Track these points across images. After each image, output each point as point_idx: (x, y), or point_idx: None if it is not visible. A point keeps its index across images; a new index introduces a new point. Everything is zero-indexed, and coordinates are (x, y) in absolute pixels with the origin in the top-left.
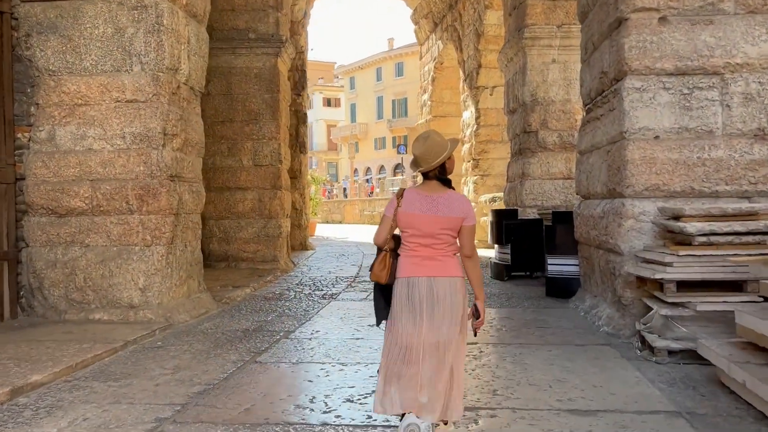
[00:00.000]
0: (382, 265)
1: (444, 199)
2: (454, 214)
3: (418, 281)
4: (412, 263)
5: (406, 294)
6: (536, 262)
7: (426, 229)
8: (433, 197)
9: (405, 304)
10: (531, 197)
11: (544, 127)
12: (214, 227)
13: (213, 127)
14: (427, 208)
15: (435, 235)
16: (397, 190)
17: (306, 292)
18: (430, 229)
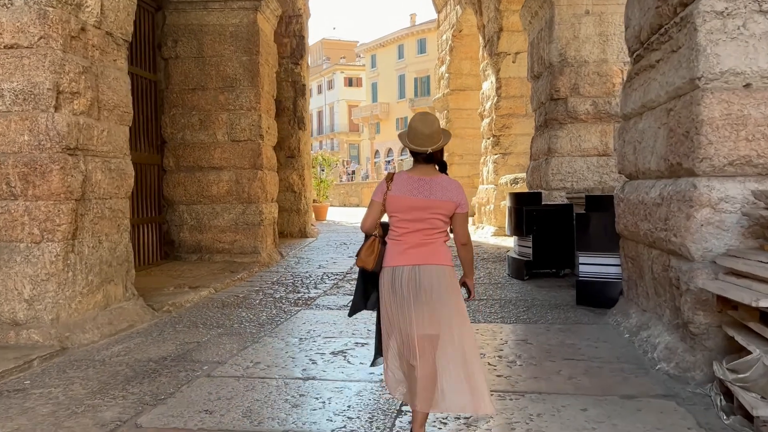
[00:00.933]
0: (369, 250)
1: (438, 182)
2: (448, 199)
3: (401, 270)
4: (398, 251)
5: (390, 284)
6: (564, 258)
7: (417, 213)
8: (426, 180)
9: (390, 294)
10: (558, 178)
11: (574, 92)
12: (185, 213)
13: (182, 95)
14: (419, 191)
15: (426, 219)
16: (386, 174)
17: (278, 295)
18: (421, 214)
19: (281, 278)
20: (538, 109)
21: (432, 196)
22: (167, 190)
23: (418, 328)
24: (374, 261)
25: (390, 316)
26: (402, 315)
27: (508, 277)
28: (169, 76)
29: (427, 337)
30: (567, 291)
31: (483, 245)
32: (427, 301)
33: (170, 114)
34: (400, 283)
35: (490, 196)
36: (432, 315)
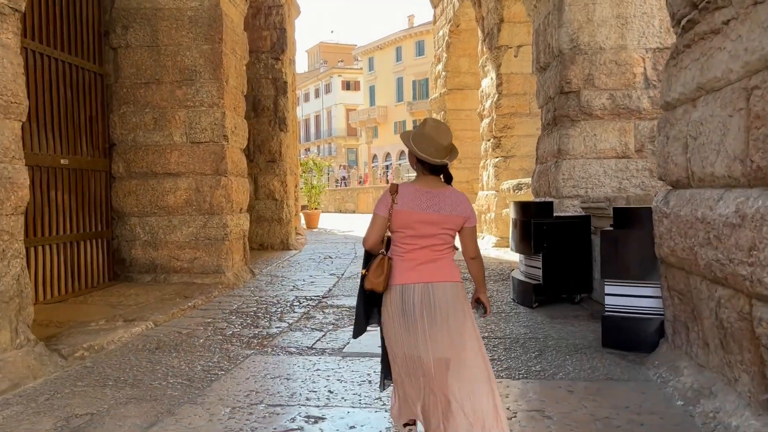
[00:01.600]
0: (379, 270)
1: (447, 196)
2: (458, 213)
3: (412, 288)
4: (407, 268)
5: (399, 304)
6: (579, 281)
7: (426, 228)
8: (434, 193)
9: (398, 316)
10: (570, 184)
11: (588, 84)
12: (137, 227)
13: (133, 90)
14: (428, 205)
15: (435, 234)
16: (390, 186)
17: (230, 330)
18: (430, 229)
19: (243, 305)
20: (545, 105)
21: (442, 210)
22: (116, 200)
23: (433, 351)
24: (385, 282)
25: (396, 337)
26: (412, 336)
27: (513, 303)
28: (119, 68)
29: (443, 360)
30: (586, 324)
31: (484, 258)
32: (443, 321)
33: (120, 112)
34: (412, 303)
35: (490, 204)
36: (449, 336)
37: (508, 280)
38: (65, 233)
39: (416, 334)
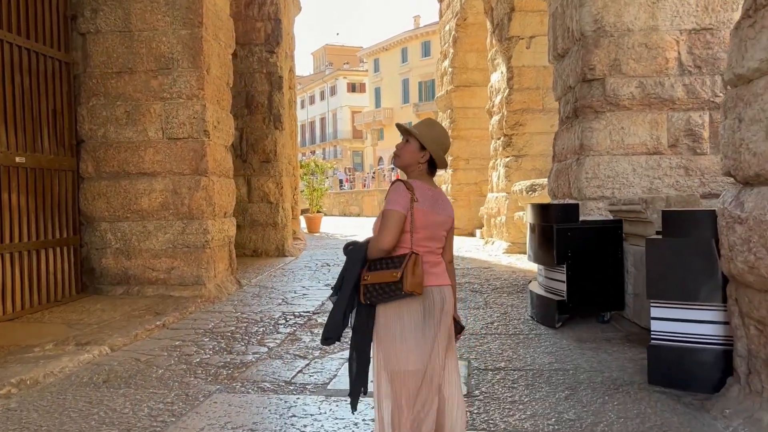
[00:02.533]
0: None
1: (442, 196)
2: (451, 214)
3: (431, 292)
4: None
5: (421, 310)
6: (609, 296)
7: (437, 230)
8: (437, 193)
9: (419, 322)
10: (595, 184)
11: (614, 71)
12: (108, 233)
13: (104, 81)
14: (438, 205)
15: (440, 236)
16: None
17: (199, 357)
18: (439, 231)
19: (220, 324)
20: (563, 96)
21: (445, 212)
22: (85, 203)
23: (440, 357)
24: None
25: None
26: (428, 343)
27: (532, 322)
28: (88, 56)
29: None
30: (621, 350)
31: (494, 267)
32: (446, 325)
33: (89, 105)
34: (432, 306)
35: (501, 206)
36: (450, 342)
37: (523, 292)
38: (21, 241)
39: (432, 340)
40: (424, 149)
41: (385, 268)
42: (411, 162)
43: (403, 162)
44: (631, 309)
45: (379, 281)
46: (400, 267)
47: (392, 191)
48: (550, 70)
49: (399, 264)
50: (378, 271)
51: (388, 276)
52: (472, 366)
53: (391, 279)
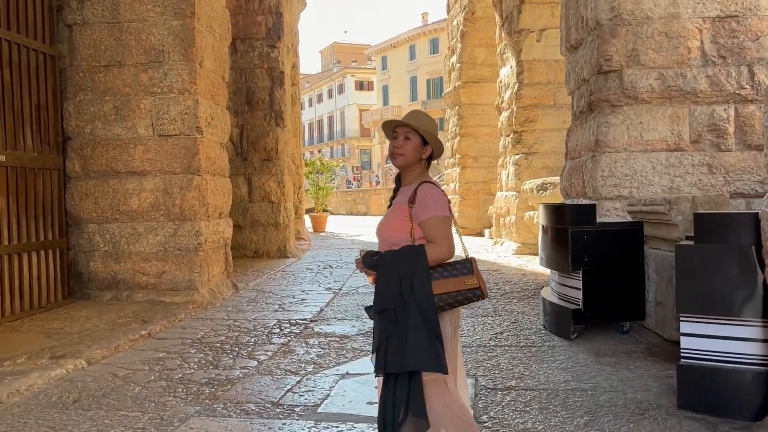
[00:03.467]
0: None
1: None
2: None
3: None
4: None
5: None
6: (629, 304)
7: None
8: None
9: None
10: (611, 182)
11: (632, 62)
12: (96, 235)
13: (91, 75)
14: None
15: None
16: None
17: (181, 372)
18: None
19: (210, 333)
20: (577, 90)
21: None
22: (72, 204)
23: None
24: None
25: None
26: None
27: (545, 331)
28: (75, 49)
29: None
30: (645, 365)
31: (503, 269)
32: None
33: (76, 100)
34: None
35: (510, 206)
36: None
37: (534, 298)
38: (1, 244)
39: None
40: (426, 144)
41: (449, 276)
42: (415, 159)
43: (408, 160)
44: (652, 318)
45: (451, 290)
46: (469, 273)
47: (434, 194)
48: (562, 65)
49: (462, 270)
50: (443, 279)
51: (459, 284)
52: (480, 384)
53: (467, 286)
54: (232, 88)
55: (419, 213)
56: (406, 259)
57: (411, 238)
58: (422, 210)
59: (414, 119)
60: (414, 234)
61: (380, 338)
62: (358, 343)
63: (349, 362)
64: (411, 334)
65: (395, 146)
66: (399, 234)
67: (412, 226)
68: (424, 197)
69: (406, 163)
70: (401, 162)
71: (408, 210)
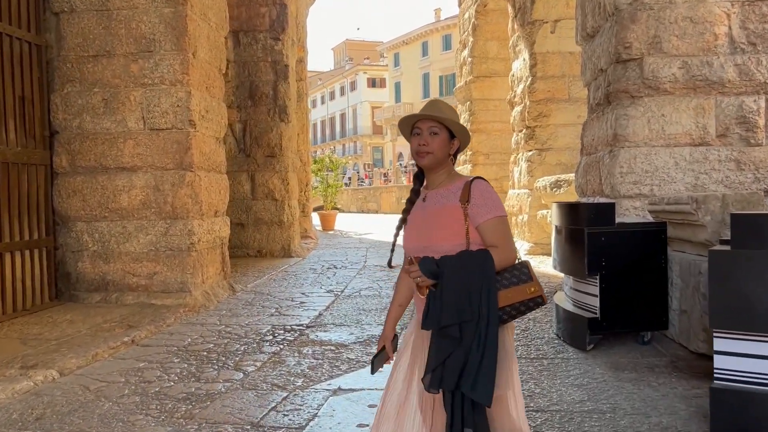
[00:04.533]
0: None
1: None
2: None
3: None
4: None
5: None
6: (650, 312)
7: None
8: None
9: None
10: (630, 179)
11: (654, 49)
12: (85, 234)
13: (79, 65)
14: None
15: None
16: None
17: (159, 385)
18: None
19: (198, 340)
20: (593, 81)
21: None
22: (59, 201)
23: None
24: None
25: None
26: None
27: (558, 341)
28: (62, 38)
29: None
30: (669, 382)
31: None
32: None
33: (63, 92)
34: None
35: (523, 204)
36: None
37: (545, 306)
38: None
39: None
40: (453, 137)
41: (509, 284)
42: (444, 157)
43: (437, 158)
44: (676, 328)
45: (515, 300)
46: (528, 280)
47: (491, 192)
48: (577, 57)
49: (521, 277)
50: (504, 289)
51: (521, 293)
52: None
53: (529, 295)
54: (235, 82)
55: (478, 214)
56: (473, 266)
57: (467, 244)
58: (482, 210)
59: (437, 110)
60: (470, 238)
61: (438, 359)
62: (354, 353)
63: (343, 375)
64: (476, 354)
65: (421, 144)
66: (453, 240)
67: (467, 228)
68: (482, 195)
69: (435, 162)
70: (430, 161)
71: (462, 211)
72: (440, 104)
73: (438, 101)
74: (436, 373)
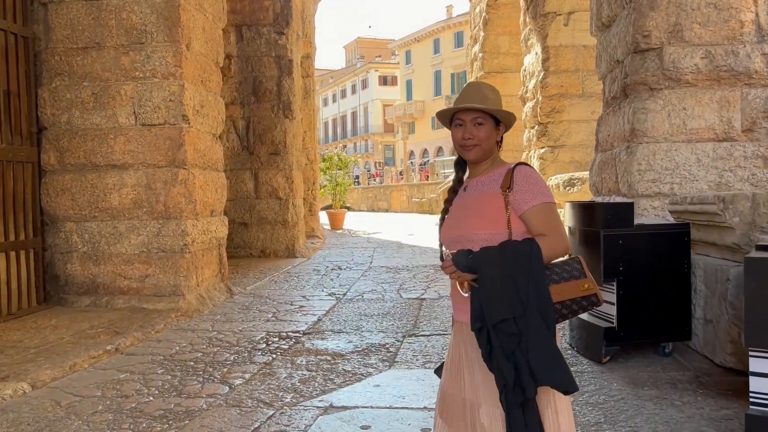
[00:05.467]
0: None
1: None
2: None
3: None
4: None
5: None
6: (672, 321)
7: None
8: None
9: None
10: (649, 177)
11: (675, 38)
12: (74, 235)
13: (68, 58)
14: None
15: None
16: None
17: (136, 400)
18: None
19: (187, 348)
20: (609, 73)
21: None
22: (48, 200)
23: None
24: None
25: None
26: None
27: (571, 352)
28: (50, 30)
29: None
30: (694, 400)
31: None
32: None
33: (51, 86)
34: None
35: None
36: None
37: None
38: None
39: None
40: (499, 124)
41: (560, 279)
42: (492, 147)
43: (485, 150)
44: (700, 339)
45: (566, 297)
46: (582, 275)
47: (536, 178)
48: (591, 51)
49: (573, 272)
50: (560, 282)
51: (576, 288)
52: None
53: (584, 292)
54: (238, 77)
55: (522, 200)
56: (516, 256)
57: (509, 233)
58: (527, 196)
59: (481, 97)
60: (512, 227)
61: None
62: (351, 364)
63: (336, 390)
64: (535, 342)
65: (466, 137)
66: (492, 228)
67: (509, 217)
68: (527, 181)
69: (483, 154)
70: (477, 154)
71: (503, 198)
72: (483, 88)
73: (480, 84)
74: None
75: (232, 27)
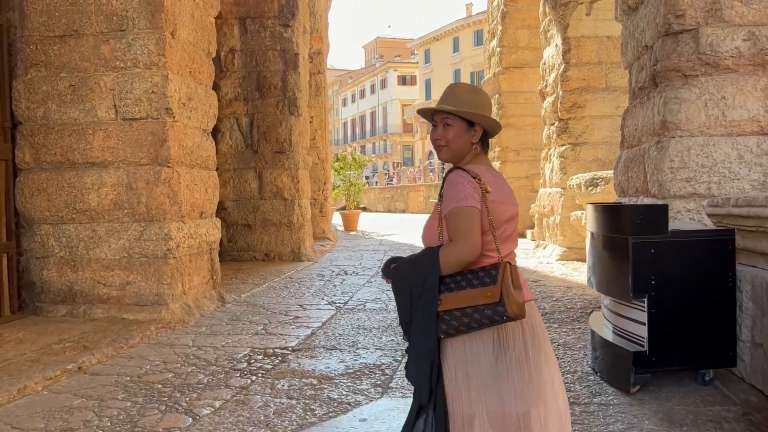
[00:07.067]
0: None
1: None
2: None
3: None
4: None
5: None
6: (713, 344)
7: (512, 227)
8: (499, 177)
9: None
10: (683, 176)
11: (713, 18)
12: (51, 238)
13: (44, 47)
14: (505, 193)
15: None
16: (467, 169)
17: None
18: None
19: (159, 366)
20: (636, 61)
21: (513, 201)
22: (23, 201)
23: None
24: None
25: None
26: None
27: (594, 377)
28: (26, 16)
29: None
30: None
31: (544, 280)
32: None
33: (26, 77)
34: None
35: (555, 204)
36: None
37: (581, 321)
38: None
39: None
40: (473, 125)
41: (468, 285)
42: (463, 148)
43: (454, 151)
44: (747, 365)
45: (469, 305)
46: (492, 283)
47: (456, 183)
48: (615, 42)
49: (487, 278)
50: (459, 291)
51: (476, 297)
52: None
53: (485, 300)
54: (241, 72)
55: (444, 207)
56: (418, 264)
57: (440, 239)
58: (446, 202)
59: (451, 100)
60: (443, 232)
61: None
62: (338, 390)
63: (315, 425)
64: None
65: (435, 138)
66: (432, 235)
67: (440, 222)
68: (451, 187)
69: (452, 155)
70: (447, 155)
71: (440, 206)
72: (457, 89)
73: (455, 85)
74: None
75: (235, 19)
